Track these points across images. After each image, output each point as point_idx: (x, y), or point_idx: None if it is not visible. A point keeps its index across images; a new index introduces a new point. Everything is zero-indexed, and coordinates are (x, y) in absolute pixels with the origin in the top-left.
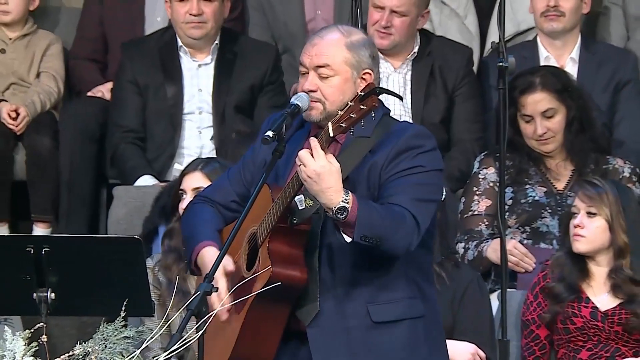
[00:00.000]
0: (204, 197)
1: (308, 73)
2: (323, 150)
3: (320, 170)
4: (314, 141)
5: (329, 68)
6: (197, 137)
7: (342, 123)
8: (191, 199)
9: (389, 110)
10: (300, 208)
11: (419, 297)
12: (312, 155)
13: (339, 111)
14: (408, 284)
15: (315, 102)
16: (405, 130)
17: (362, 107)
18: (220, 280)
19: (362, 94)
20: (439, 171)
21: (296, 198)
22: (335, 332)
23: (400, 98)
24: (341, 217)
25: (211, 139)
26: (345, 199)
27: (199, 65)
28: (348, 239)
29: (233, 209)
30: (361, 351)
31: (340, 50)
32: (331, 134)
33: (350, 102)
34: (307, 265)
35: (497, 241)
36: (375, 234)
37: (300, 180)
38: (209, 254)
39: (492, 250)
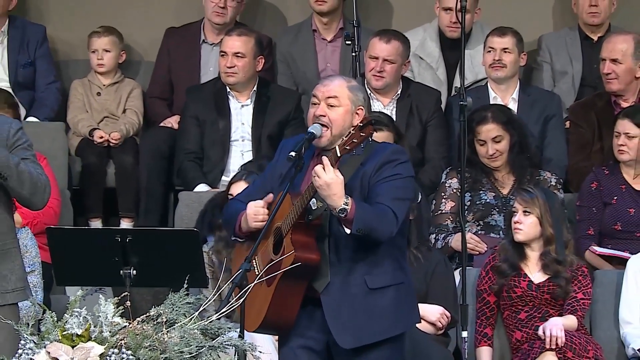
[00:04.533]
0: (238, 199)
1: (319, 104)
2: (332, 166)
3: (330, 181)
4: (325, 159)
5: (336, 99)
6: (240, 157)
7: (346, 146)
8: None
9: (372, 134)
10: (314, 208)
11: (399, 269)
12: (324, 169)
13: (343, 137)
14: (392, 260)
15: (325, 128)
16: (386, 148)
17: (361, 134)
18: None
19: (362, 124)
20: (411, 177)
21: (310, 201)
22: (342, 297)
23: (394, 124)
24: (342, 215)
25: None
26: (346, 202)
27: (242, 106)
28: (348, 231)
29: None
30: (360, 310)
31: (344, 89)
32: (338, 154)
33: (352, 130)
34: (319, 249)
35: (459, 234)
36: (367, 227)
37: (315, 188)
38: (249, 204)
39: (455, 241)
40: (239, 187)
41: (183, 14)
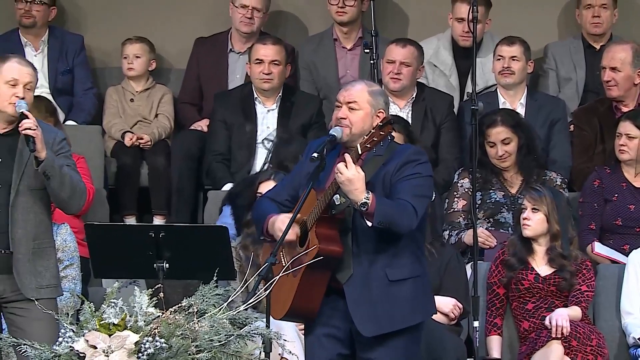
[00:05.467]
0: (267, 197)
1: (341, 107)
2: (354, 163)
3: (352, 177)
4: (347, 156)
5: (356, 104)
6: None
7: (367, 144)
8: None
9: (394, 137)
10: (337, 203)
11: (417, 263)
12: (346, 166)
13: (364, 136)
14: (410, 254)
15: (345, 127)
16: (407, 149)
17: (381, 133)
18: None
19: (381, 123)
20: (430, 177)
21: (334, 196)
22: (363, 288)
23: (409, 126)
24: (364, 209)
25: None
26: (367, 197)
27: (268, 110)
28: (369, 224)
29: (286, 205)
30: (381, 301)
31: (365, 94)
32: (359, 152)
33: (372, 129)
34: (342, 242)
35: (471, 230)
36: (388, 220)
37: (338, 184)
38: (275, 217)
39: (467, 236)
40: (267, 186)
41: (211, 24)
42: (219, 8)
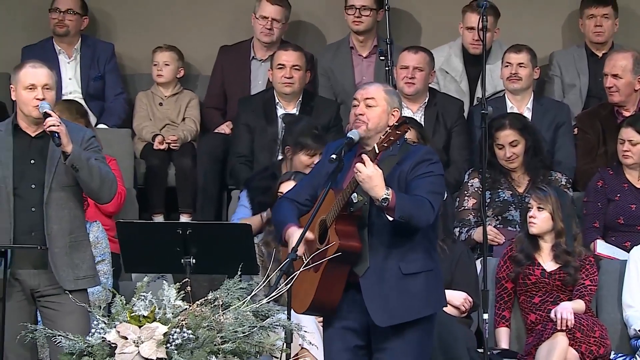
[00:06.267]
0: (287, 197)
1: (359, 105)
2: (372, 161)
3: (371, 174)
4: (365, 157)
5: (374, 100)
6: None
7: (384, 143)
8: None
9: (407, 132)
10: (355, 201)
11: (429, 257)
12: (364, 164)
13: (381, 136)
14: (423, 250)
15: (362, 123)
16: (420, 149)
17: (397, 132)
18: (301, 247)
19: (397, 123)
20: (442, 175)
21: (352, 195)
22: (379, 281)
23: (421, 126)
24: (385, 204)
25: None
26: (387, 193)
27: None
28: (390, 218)
29: (306, 204)
30: (395, 293)
31: (381, 92)
32: (377, 151)
33: (389, 129)
34: (360, 238)
35: (480, 228)
36: (408, 214)
37: (356, 182)
38: (292, 230)
39: (477, 234)
40: (288, 186)
41: (235, 33)
42: (241, 18)
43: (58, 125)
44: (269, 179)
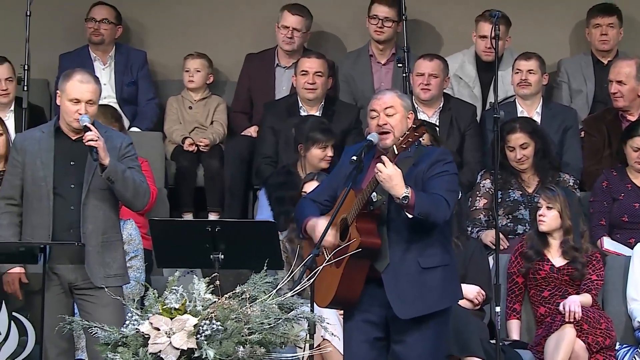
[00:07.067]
0: (308, 198)
1: (379, 115)
2: (391, 162)
3: (392, 174)
4: (384, 158)
5: (392, 108)
6: None
7: (403, 145)
8: None
9: (424, 134)
10: (374, 200)
11: (446, 253)
12: (384, 165)
13: (399, 138)
14: (440, 245)
15: (387, 133)
16: (434, 150)
17: (415, 133)
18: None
19: (415, 126)
20: (456, 174)
21: (372, 194)
22: (399, 275)
23: (437, 127)
24: (405, 202)
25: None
26: (407, 191)
27: None
28: (410, 216)
29: (326, 205)
30: (415, 286)
31: (396, 99)
32: (396, 152)
33: (407, 131)
34: (380, 234)
35: (489, 231)
36: (426, 211)
37: (376, 182)
38: (314, 221)
39: (485, 237)
40: (311, 186)
41: (260, 42)
42: (266, 28)
43: (96, 140)
44: (284, 174)
